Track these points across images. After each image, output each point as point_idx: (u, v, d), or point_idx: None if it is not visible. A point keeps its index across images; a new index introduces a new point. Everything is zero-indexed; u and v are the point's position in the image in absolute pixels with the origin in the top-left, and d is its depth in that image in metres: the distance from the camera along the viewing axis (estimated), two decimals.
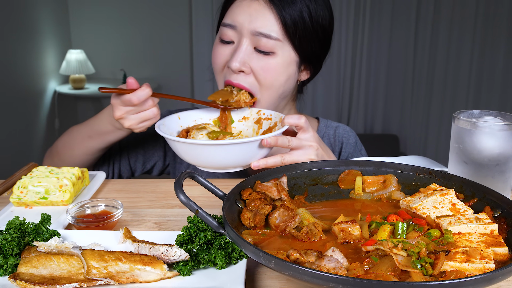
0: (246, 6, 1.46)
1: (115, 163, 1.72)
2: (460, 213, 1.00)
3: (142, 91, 1.33)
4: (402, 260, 0.81)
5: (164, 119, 1.46)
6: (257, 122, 1.54)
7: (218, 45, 1.54)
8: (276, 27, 1.44)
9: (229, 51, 1.51)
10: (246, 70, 1.48)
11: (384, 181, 1.17)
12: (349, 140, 1.78)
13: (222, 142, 1.26)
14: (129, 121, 1.37)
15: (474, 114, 1.28)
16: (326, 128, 1.79)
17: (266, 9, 1.44)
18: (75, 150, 1.57)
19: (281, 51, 1.47)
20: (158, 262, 0.91)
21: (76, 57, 5.15)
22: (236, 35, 1.49)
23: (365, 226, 0.97)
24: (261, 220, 0.99)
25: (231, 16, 1.48)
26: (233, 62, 1.46)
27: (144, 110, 1.36)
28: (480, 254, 0.84)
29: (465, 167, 1.24)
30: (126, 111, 1.35)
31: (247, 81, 1.49)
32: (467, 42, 5.26)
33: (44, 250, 0.93)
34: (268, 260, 0.77)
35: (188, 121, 1.53)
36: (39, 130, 5.01)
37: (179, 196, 0.92)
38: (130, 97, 1.32)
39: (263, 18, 1.44)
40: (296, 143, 1.33)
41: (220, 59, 1.53)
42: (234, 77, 1.49)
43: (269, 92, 1.53)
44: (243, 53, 1.46)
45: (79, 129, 1.58)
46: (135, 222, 1.20)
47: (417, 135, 5.65)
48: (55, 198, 1.25)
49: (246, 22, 1.45)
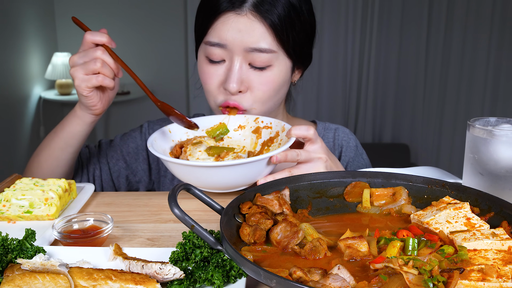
0: (233, 22, 1.45)
1: (96, 181, 1.72)
2: (475, 228, 1.01)
3: (99, 34, 1.41)
4: (413, 278, 0.81)
5: (155, 135, 1.44)
6: (255, 132, 1.54)
7: (207, 66, 1.54)
8: (269, 39, 1.46)
9: (222, 71, 1.51)
10: (243, 89, 1.50)
11: (394, 194, 1.18)
12: (349, 143, 1.79)
13: (228, 163, 1.23)
14: (77, 73, 1.40)
15: (490, 121, 1.28)
16: (324, 131, 1.80)
17: (255, 22, 1.45)
18: (48, 156, 1.59)
19: (277, 62, 1.49)
20: (151, 281, 0.91)
21: (63, 60, 5.16)
22: (226, 54, 1.49)
23: (373, 242, 0.97)
24: (261, 235, 0.99)
25: (218, 34, 1.47)
26: (230, 84, 1.47)
27: (91, 60, 1.39)
28: (497, 272, 0.84)
29: (481, 179, 1.24)
30: (76, 66, 1.41)
31: (244, 99, 1.51)
32: (483, 44, 5.28)
33: (28, 268, 0.93)
34: (269, 279, 0.77)
35: (179, 134, 1.51)
36: (23, 139, 5.02)
37: (174, 210, 0.92)
38: (86, 33, 1.43)
39: (253, 33, 1.45)
40: (305, 156, 1.33)
41: (213, 80, 1.53)
42: (231, 98, 1.51)
43: (266, 105, 1.55)
44: (239, 72, 1.47)
45: (49, 134, 1.61)
46: (126, 238, 1.20)
47: (429, 145, 5.65)
48: (40, 212, 1.25)
49: (236, 39, 1.45)
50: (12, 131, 4.84)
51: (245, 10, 1.45)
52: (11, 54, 4.77)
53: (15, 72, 4.86)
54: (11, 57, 4.76)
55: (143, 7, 5.57)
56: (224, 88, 1.50)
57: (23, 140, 5.02)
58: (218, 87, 1.52)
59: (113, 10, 5.58)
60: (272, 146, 1.50)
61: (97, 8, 5.57)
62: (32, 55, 5.15)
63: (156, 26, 5.61)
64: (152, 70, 5.71)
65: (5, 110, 4.68)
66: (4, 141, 4.67)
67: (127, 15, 5.59)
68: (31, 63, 5.13)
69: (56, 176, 1.59)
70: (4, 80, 4.67)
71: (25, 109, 5.07)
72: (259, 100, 1.52)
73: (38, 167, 1.60)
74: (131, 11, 5.58)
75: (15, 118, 4.90)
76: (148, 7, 5.57)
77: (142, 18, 5.59)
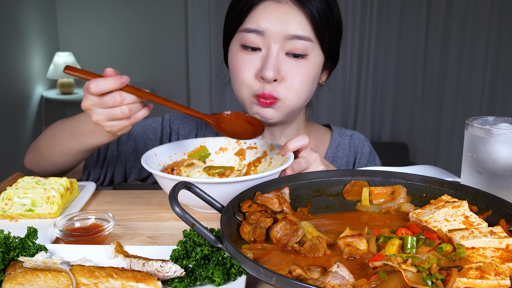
0: (273, 10, 1.45)
1: (109, 166, 1.69)
2: (473, 227, 1.01)
3: (104, 81, 1.20)
4: (411, 276, 0.81)
5: (146, 156, 1.39)
6: (238, 153, 1.53)
7: (242, 54, 1.51)
8: (308, 28, 1.46)
9: (257, 60, 1.49)
10: (279, 78, 1.47)
11: (393, 193, 1.18)
12: (364, 150, 1.80)
13: (252, 177, 1.21)
14: (96, 115, 1.24)
15: (488, 121, 1.28)
16: (340, 137, 1.80)
17: (295, 10, 1.45)
18: (55, 147, 1.51)
19: (313, 53, 1.49)
20: (151, 279, 0.91)
21: (65, 60, 5.16)
22: (263, 41, 1.47)
23: (372, 240, 0.97)
24: (261, 234, 0.99)
25: (256, 21, 1.47)
26: (267, 71, 1.44)
27: (112, 107, 1.22)
28: (495, 270, 0.85)
29: (479, 178, 1.24)
30: (92, 102, 1.23)
31: (279, 89, 1.48)
32: (481, 44, 5.28)
33: (30, 266, 0.93)
34: (269, 277, 0.77)
35: (163, 157, 1.46)
36: (25, 138, 5.02)
37: (174, 209, 0.92)
38: (89, 83, 1.20)
39: (294, 20, 1.45)
40: (305, 163, 1.35)
41: (248, 68, 1.49)
42: (266, 87, 1.47)
43: (300, 97, 1.52)
44: (275, 60, 1.46)
45: (63, 125, 1.51)
46: (127, 236, 1.20)
47: (428, 144, 5.65)
48: (42, 210, 1.25)
49: (276, 26, 1.44)
50: (14, 130, 4.84)
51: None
52: (13, 53, 4.76)
53: (17, 72, 4.86)
54: (13, 57, 4.76)
55: (143, 7, 5.56)
56: (260, 76, 1.47)
57: (25, 139, 5.02)
58: (253, 76, 1.49)
59: (114, 10, 5.58)
60: (260, 166, 1.49)
61: (98, 7, 5.56)
62: (34, 54, 5.15)
63: (157, 26, 5.60)
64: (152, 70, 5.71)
65: (7, 109, 4.67)
66: (6, 140, 4.67)
67: (127, 14, 5.58)
68: (33, 63, 5.13)
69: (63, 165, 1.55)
70: (6, 79, 4.67)
71: (27, 108, 5.07)
72: (294, 90, 1.49)
73: (44, 158, 1.55)
74: (131, 11, 5.57)
75: (17, 117, 4.90)
76: (149, 7, 5.56)
77: (143, 18, 5.58)
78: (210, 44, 5.43)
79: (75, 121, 1.46)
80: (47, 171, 1.59)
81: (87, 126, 1.39)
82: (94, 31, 5.63)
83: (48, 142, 1.54)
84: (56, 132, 1.52)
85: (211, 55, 5.45)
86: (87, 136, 1.41)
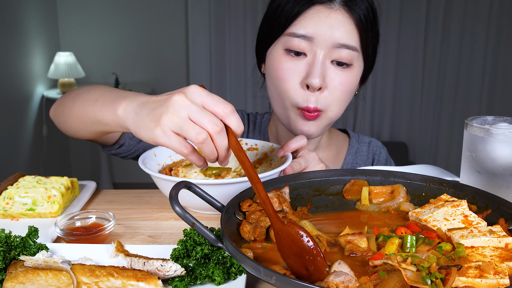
0: (325, 16, 1.38)
1: (142, 142, 1.58)
2: (472, 226, 1.01)
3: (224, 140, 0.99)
4: (411, 275, 0.81)
5: (144, 156, 1.38)
6: None
7: (286, 60, 1.43)
8: (356, 37, 1.41)
9: (302, 66, 1.42)
10: (323, 87, 1.41)
11: (392, 192, 1.18)
12: (380, 157, 1.78)
13: (244, 179, 1.20)
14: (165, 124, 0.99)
15: (487, 120, 1.28)
16: (358, 144, 1.77)
17: (346, 18, 1.39)
18: (75, 106, 1.34)
19: (357, 63, 1.44)
20: (152, 278, 0.91)
21: (65, 60, 5.16)
22: (310, 47, 1.40)
23: (372, 239, 0.97)
24: (261, 233, 0.99)
25: (305, 26, 1.39)
26: (314, 78, 1.37)
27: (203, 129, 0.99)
28: (494, 269, 0.85)
29: (478, 177, 1.24)
30: (179, 126, 0.99)
31: (322, 98, 1.42)
32: (480, 43, 5.28)
33: (31, 265, 0.93)
34: (269, 276, 0.77)
35: (163, 157, 1.46)
36: (26, 137, 5.02)
37: (175, 208, 0.92)
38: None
39: (344, 29, 1.39)
40: (304, 162, 1.34)
41: (293, 76, 1.42)
42: (310, 99, 1.41)
43: (341, 108, 1.47)
44: (322, 67, 1.40)
45: (97, 88, 1.31)
46: (127, 235, 1.20)
47: (427, 143, 5.65)
48: (43, 209, 1.25)
49: (326, 33, 1.38)
50: (15, 130, 4.84)
51: (337, 4, 1.39)
52: (14, 53, 4.76)
53: (18, 71, 4.85)
54: (14, 56, 4.76)
55: (144, 7, 5.56)
56: (306, 83, 1.40)
57: (26, 138, 5.02)
58: (298, 83, 1.42)
59: (115, 10, 5.58)
60: (261, 167, 1.48)
61: (99, 7, 5.56)
62: (35, 54, 5.14)
63: (157, 26, 5.60)
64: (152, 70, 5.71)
65: (8, 109, 4.67)
66: (7, 140, 4.67)
67: (128, 14, 5.58)
68: (33, 62, 5.12)
69: None
70: (7, 79, 4.67)
71: (28, 108, 5.07)
72: (336, 100, 1.44)
73: (63, 113, 1.41)
74: (132, 11, 5.57)
75: (18, 117, 4.90)
76: (150, 7, 5.56)
77: (143, 18, 5.59)
78: (210, 44, 5.42)
79: (106, 92, 1.25)
80: (61, 129, 1.49)
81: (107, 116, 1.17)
82: (95, 31, 5.63)
83: (74, 99, 1.38)
84: (88, 91, 1.33)
85: (211, 55, 5.45)
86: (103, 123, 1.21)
